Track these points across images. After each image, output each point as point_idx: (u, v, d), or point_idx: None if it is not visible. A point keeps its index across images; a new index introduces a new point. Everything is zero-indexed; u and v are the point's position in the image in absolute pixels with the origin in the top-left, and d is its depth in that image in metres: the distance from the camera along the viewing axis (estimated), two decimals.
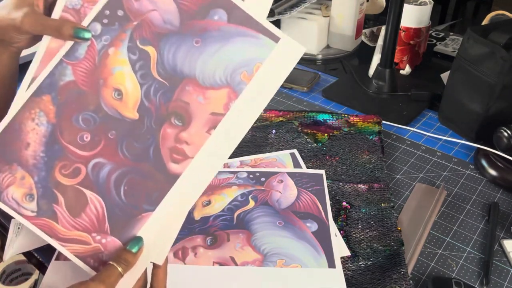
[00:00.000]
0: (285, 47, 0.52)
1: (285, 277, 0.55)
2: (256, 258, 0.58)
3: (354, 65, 1.09)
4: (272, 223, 0.62)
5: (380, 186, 0.69)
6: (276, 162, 0.74)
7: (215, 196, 0.67)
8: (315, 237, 0.60)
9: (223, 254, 0.58)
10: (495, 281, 0.57)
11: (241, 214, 0.64)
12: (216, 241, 0.60)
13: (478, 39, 0.75)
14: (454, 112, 0.83)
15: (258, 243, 0.60)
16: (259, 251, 0.59)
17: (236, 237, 0.61)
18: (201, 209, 0.65)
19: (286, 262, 0.57)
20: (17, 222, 0.62)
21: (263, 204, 0.65)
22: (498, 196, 0.70)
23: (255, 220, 0.63)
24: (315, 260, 0.57)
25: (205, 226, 0.63)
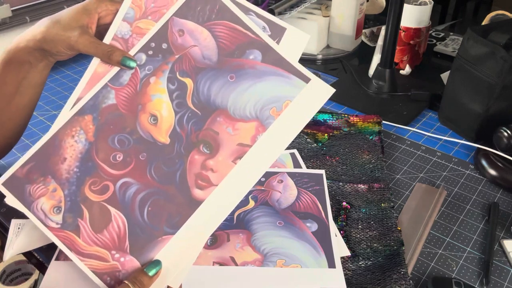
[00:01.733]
0: (314, 87, 0.55)
1: (285, 277, 0.55)
2: (256, 258, 0.58)
3: (354, 65, 1.09)
4: (272, 223, 0.62)
5: (380, 186, 0.69)
6: (276, 162, 0.74)
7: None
8: (315, 237, 0.60)
9: (223, 254, 0.58)
10: (495, 281, 0.57)
11: (241, 214, 0.63)
12: (216, 241, 0.60)
13: (478, 39, 0.75)
14: (454, 112, 0.83)
15: (258, 243, 0.60)
16: (259, 251, 0.59)
17: (236, 237, 0.60)
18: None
19: (286, 262, 0.57)
20: (17, 222, 0.62)
21: (263, 204, 0.65)
22: (498, 196, 0.70)
23: (255, 220, 0.63)
24: (315, 260, 0.57)
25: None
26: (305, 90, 0.55)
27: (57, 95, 0.97)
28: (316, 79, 0.55)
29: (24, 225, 0.62)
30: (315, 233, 0.61)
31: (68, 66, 1.09)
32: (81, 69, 1.07)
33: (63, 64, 1.09)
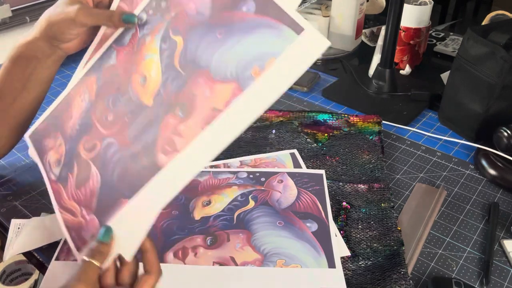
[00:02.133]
0: (306, 41, 0.44)
1: (285, 277, 0.55)
2: (256, 258, 0.58)
3: (354, 65, 1.09)
4: (272, 223, 0.62)
5: (380, 186, 0.69)
6: (276, 162, 0.74)
7: (215, 196, 0.67)
8: (315, 237, 0.60)
9: (223, 254, 0.58)
10: (495, 281, 0.57)
11: (241, 214, 0.64)
12: (216, 241, 0.60)
13: (478, 39, 0.75)
14: (454, 112, 0.83)
15: (258, 243, 0.59)
16: (259, 251, 0.58)
17: (236, 237, 0.60)
18: (201, 209, 0.65)
19: (286, 262, 0.57)
20: (17, 222, 0.62)
21: (263, 204, 0.65)
22: (498, 196, 0.70)
23: (255, 220, 0.63)
24: (315, 260, 0.57)
25: (205, 226, 0.62)
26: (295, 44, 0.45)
27: (57, 95, 0.97)
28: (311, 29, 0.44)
29: (24, 225, 0.62)
30: (315, 233, 0.61)
31: (68, 66, 1.08)
32: None
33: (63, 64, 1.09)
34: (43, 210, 0.67)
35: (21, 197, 0.70)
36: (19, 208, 0.67)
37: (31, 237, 0.61)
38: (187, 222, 0.63)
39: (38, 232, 0.62)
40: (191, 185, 0.66)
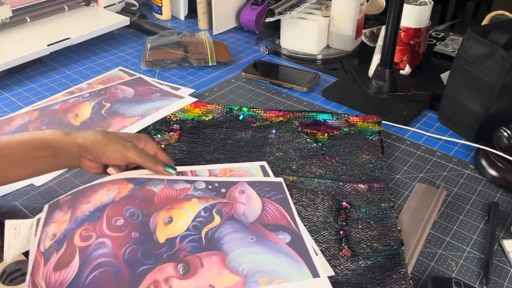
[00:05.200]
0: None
1: None
2: (237, 282, 0.53)
3: (354, 65, 1.09)
4: (244, 239, 0.58)
5: (380, 186, 0.69)
6: (246, 174, 0.71)
7: (176, 210, 0.61)
8: (290, 247, 0.58)
9: (201, 283, 0.52)
10: (495, 281, 0.57)
11: (209, 232, 0.59)
12: (189, 268, 0.54)
13: (478, 39, 0.75)
14: (454, 112, 0.83)
15: (234, 264, 0.55)
16: (238, 272, 0.54)
17: (210, 260, 0.55)
18: (164, 229, 0.59)
19: (269, 279, 0.53)
20: (12, 223, 0.62)
21: (229, 219, 0.61)
22: (498, 196, 0.70)
23: (225, 238, 0.58)
24: (298, 271, 0.54)
25: (172, 250, 0.56)
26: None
27: None
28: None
29: (21, 226, 0.62)
30: (289, 244, 0.58)
31: (69, 67, 1.09)
32: (81, 69, 1.07)
33: (63, 65, 1.09)
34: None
35: (21, 197, 0.70)
36: (19, 208, 0.67)
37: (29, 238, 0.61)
38: (151, 246, 0.56)
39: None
40: (146, 196, 0.62)
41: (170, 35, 1.14)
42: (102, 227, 0.58)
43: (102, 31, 1.16)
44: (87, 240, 0.56)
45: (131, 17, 1.25)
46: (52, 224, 0.60)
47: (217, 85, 1.00)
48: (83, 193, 0.63)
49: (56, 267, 0.54)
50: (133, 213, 0.60)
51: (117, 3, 1.29)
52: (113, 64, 1.09)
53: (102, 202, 0.61)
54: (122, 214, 0.59)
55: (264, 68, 1.04)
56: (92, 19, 1.21)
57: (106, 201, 0.61)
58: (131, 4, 1.33)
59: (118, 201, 0.61)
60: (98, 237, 0.56)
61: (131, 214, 0.59)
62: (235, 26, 1.29)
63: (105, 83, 0.98)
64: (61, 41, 1.06)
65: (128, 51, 1.16)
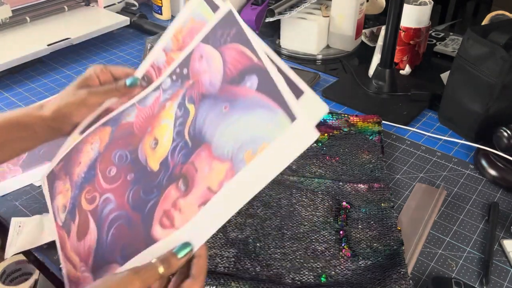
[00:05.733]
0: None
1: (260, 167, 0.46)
2: (226, 170, 0.47)
3: (354, 65, 1.09)
4: (219, 114, 0.50)
5: (380, 186, 0.69)
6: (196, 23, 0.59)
7: (157, 129, 0.56)
8: (260, 92, 0.48)
9: (200, 191, 0.48)
10: (495, 281, 0.57)
11: (190, 129, 0.52)
12: (187, 181, 0.50)
13: (478, 39, 0.75)
14: (454, 112, 0.83)
15: (219, 150, 0.49)
16: (224, 158, 0.48)
17: (200, 160, 0.50)
18: (153, 154, 0.54)
19: (253, 150, 0.46)
20: (17, 220, 0.63)
21: (201, 100, 0.53)
22: (498, 196, 0.70)
23: (205, 125, 0.51)
24: (275, 123, 0.46)
25: (169, 171, 0.52)
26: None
27: None
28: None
29: (25, 224, 0.62)
30: (259, 88, 0.48)
31: (69, 67, 1.09)
32: (81, 69, 1.07)
33: (63, 65, 1.09)
34: (43, 210, 0.67)
35: (21, 197, 0.70)
36: (19, 208, 0.67)
37: (33, 235, 0.61)
38: (149, 179, 0.53)
39: (39, 230, 0.62)
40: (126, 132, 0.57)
41: None
42: (100, 183, 0.56)
43: (102, 31, 1.16)
44: (93, 201, 0.55)
45: (131, 17, 1.25)
46: (59, 196, 0.59)
47: None
48: (72, 156, 0.60)
49: (78, 236, 0.54)
50: (121, 155, 0.56)
51: (117, 3, 1.29)
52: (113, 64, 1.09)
53: (91, 158, 0.58)
54: (112, 162, 0.56)
55: None
56: (92, 19, 1.21)
57: (93, 155, 0.58)
58: (131, 4, 1.33)
59: (104, 151, 0.57)
60: (101, 195, 0.55)
61: (119, 157, 0.56)
62: None
63: None
64: (61, 41, 1.06)
65: (128, 51, 1.16)
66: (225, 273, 0.56)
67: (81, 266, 0.52)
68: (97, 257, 0.51)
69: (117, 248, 0.50)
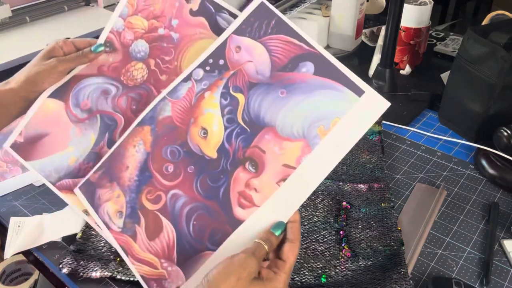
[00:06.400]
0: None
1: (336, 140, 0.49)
2: (302, 147, 0.50)
3: (354, 65, 1.09)
4: (277, 99, 0.52)
5: (380, 186, 0.69)
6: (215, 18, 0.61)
7: (201, 118, 0.56)
8: (320, 76, 0.51)
9: (276, 169, 0.50)
10: (495, 281, 0.57)
11: (244, 115, 0.54)
12: (256, 162, 0.51)
13: (478, 39, 0.75)
14: (454, 112, 0.83)
15: (287, 130, 0.51)
16: (295, 137, 0.50)
17: (266, 142, 0.52)
18: (206, 143, 0.55)
19: (325, 126, 0.49)
20: (17, 220, 0.62)
21: (250, 88, 0.54)
22: (498, 196, 0.70)
23: (261, 110, 0.53)
24: (343, 99, 0.49)
25: (229, 157, 0.53)
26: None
27: None
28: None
29: (24, 223, 0.62)
30: (317, 72, 0.51)
31: None
32: None
33: None
34: (43, 210, 0.67)
35: (21, 197, 0.70)
36: (19, 208, 0.67)
37: (32, 235, 0.61)
38: (211, 167, 0.54)
39: (39, 230, 0.62)
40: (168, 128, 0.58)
41: None
42: (161, 181, 0.56)
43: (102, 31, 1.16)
44: (159, 201, 0.56)
45: None
46: (106, 204, 0.58)
47: None
48: (114, 163, 0.60)
49: (150, 237, 0.54)
50: (172, 151, 0.56)
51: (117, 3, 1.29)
52: None
53: (140, 161, 0.58)
54: (165, 160, 0.56)
55: None
56: (92, 19, 1.21)
57: (141, 157, 0.58)
58: None
59: (152, 150, 0.58)
60: (166, 193, 0.55)
61: (171, 153, 0.56)
62: None
63: None
64: None
65: None
66: None
67: (163, 263, 0.52)
68: (182, 251, 0.52)
69: (204, 237, 0.52)
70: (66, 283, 0.57)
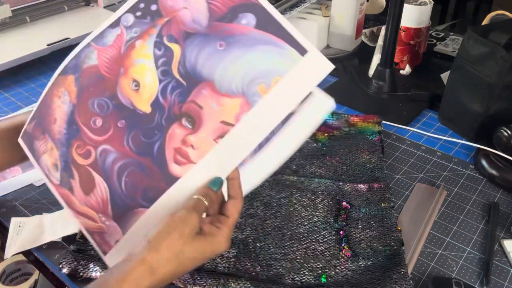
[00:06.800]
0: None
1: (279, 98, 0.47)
2: (241, 103, 0.48)
3: (354, 65, 1.09)
4: (215, 51, 0.49)
5: (380, 186, 0.69)
6: None
7: (132, 69, 0.52)
8: (261, 30, 0.49)
9: (213, 125, 0.49)
10: (495, 281, 0.57)
11: (179, 68, 0.51)
12: (192, 117, 0.49)
13: (478, 39, 0.75)
14: (454, 112, 0.83)
15: (225, 86, 0.49)
16: (234, 93, 0.48)
17: (203, 97, 0.49)
18: (138, 96, 0.52)
19: (266, 84, 0.47)
20: (17, 220, 0.62)
21: (186, 38, 0.51)
22: (498, 196, 0.70)
23: (198, 63, 0.50)
24: (284, 56, 0.48)
25: (164, 112, 0.50)
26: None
27: None
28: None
29: (25, 224, 0.62)
30: (258, 26, 0.49)
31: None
32: None
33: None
34: (43, 210, 0.67)
35: (21, 197, 0.70)
36: (19, 208, 0.67)
37: (33, 235, 0.61)
38: (144, 122, 0.51)
39: (39, 230, 0.62)
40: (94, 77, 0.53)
41: None
42: (89, 136, 0.53)
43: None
44: (89, 155, 0.53)
45: None
46: (43, 156, 0.56)
47: None
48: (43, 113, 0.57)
49: (84, 191, 0.53)
50: (100, 104, 0.53)
51: (117, 3, 1.29)
52: None
53: (66, 113, 0.55)
54: (93, 113, 0.53)
55: None
56: (92, 19, 1.21)
57: (67, 109, 0.55)
58: None
59: (77, 102, 0.54)
60: (96, 148, 0.53)
61: (99, 106, 0.53)
62: None
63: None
64: (61, 41, 1.06)
65: None
66: (225, 273, 0.56)
67: (101, 217, 0.51)
68: (116, 206, 0.51)
69: (137, 193, 0.50)
70: (66, 283, 0.57)
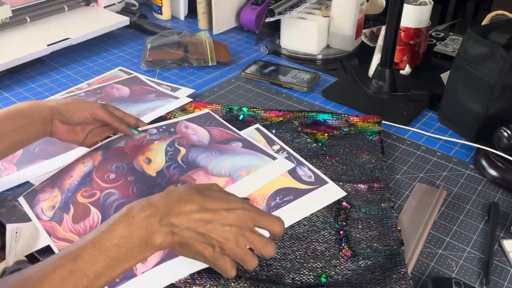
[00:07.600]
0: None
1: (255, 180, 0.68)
2: (227, 180, 0.67)
3: (354, 65, 1.09)
4: (211, 155, 0.72)
5: (380, 186, 0.69)
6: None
7: (149, 152, 0.72)
8: (246, 148, 0.74)
9: None
10: (495, 281, 0.57)
11: (183, 158, 0.71)
12: None
13: (478, 39, 0.75)
14: (454, 112, 0.83)
15: (216, 171, 0.69)
16: (222, 175, 0.68)
17: (197, 175, 0.68)
18: (148, 167, 0.69)
19: (247, 171, 0.69)
20: (14, 227, 0.62)
21: (191, 147, 0.74)
22: (498, 196, 0.70)
23: (197, 158, 0.72)
24: (260, 159, 0.71)
25: (166, 178, 0.68)
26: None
27: None
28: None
29: (22, 230, 0.62)
30: (243, 147, 0.74)
31: (69, 67, 1.09)
32: (81, 69, 1.07)
33: (63, 65, 1.09)
34: None
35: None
36: (19, 208, 0.67)
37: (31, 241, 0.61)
38: (149, 181, 0.67)
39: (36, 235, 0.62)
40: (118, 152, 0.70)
41: (170, 35, 1.14)
42: (99, 184, 0.65)
43: (102, 31, 1.16)
44: (93, 196, 0.63)
45: (131, 17, 1.25)
46: (44, 202, 0.64)
47: (217, 85, 1.00)
48: (60, 175, 0.68)
49: (74, 221, 0.61)
50: (117, 166, 0.68)
51: (117, 3, 1.29)
52: (113, 64, 1.09)
53: (84, 171, 0.67)
54: (109, 170, 0.67)
55: (264, 68, 1.04)
56: (92, 19, 1.21)
57: (87, 170, 0.67)
58: (131, 4, 1.33)
59: (99, 165, 0.68)
60: (102, 191, 0.64)
61: (116, 167, 0.68)
62: (235, 26, 1.29)
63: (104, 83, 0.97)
64: (61, 41, 1.06)
65: (128, 51, 1.16)
66: None
67: None
68: None
69: None
70: None
